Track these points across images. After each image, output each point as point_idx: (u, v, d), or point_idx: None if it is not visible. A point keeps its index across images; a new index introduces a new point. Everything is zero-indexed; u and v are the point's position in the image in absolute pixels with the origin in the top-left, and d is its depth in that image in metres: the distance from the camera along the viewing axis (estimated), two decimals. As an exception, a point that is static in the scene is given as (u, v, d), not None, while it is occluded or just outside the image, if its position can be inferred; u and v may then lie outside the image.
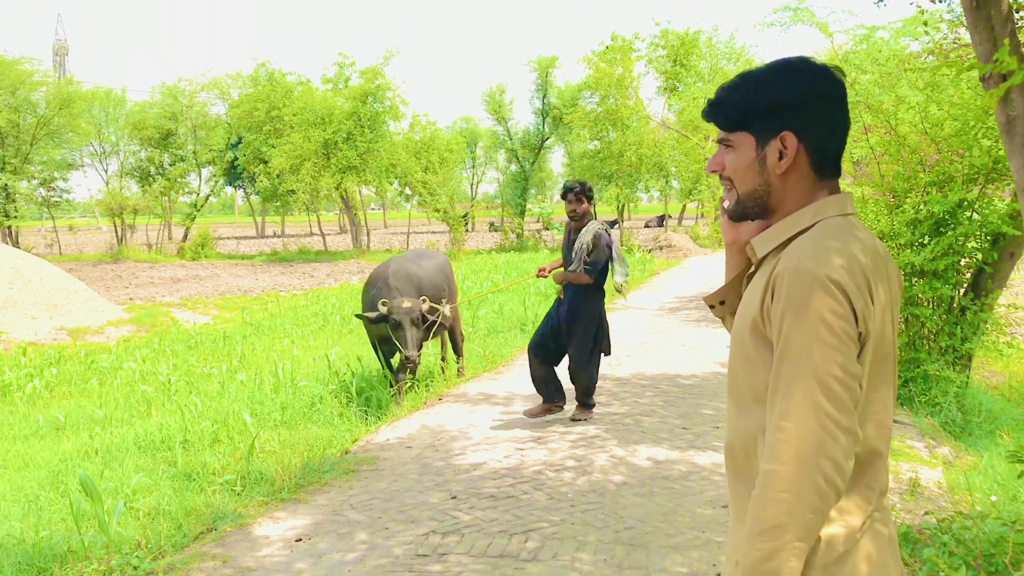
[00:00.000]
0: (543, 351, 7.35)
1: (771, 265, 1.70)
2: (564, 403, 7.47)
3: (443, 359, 9.80)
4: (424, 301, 8.13)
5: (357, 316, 8.35)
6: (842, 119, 1.77)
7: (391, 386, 8.36)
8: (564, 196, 7.35)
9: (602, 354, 7.45)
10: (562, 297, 7.37)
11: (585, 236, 7.12)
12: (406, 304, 7.91)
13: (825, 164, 1.77)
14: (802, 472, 1.52)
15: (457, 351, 9.80)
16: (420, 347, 8.13)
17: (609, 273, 7.34)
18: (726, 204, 1.91)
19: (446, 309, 8.50)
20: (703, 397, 8.36)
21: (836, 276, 1.56)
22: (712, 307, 2.04)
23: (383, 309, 7.89)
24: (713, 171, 1.87)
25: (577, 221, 7.30)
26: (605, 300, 7.45)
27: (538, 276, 7.57)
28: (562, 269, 7.43)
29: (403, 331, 7.91)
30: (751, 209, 1.82)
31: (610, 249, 7.18)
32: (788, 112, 1.72)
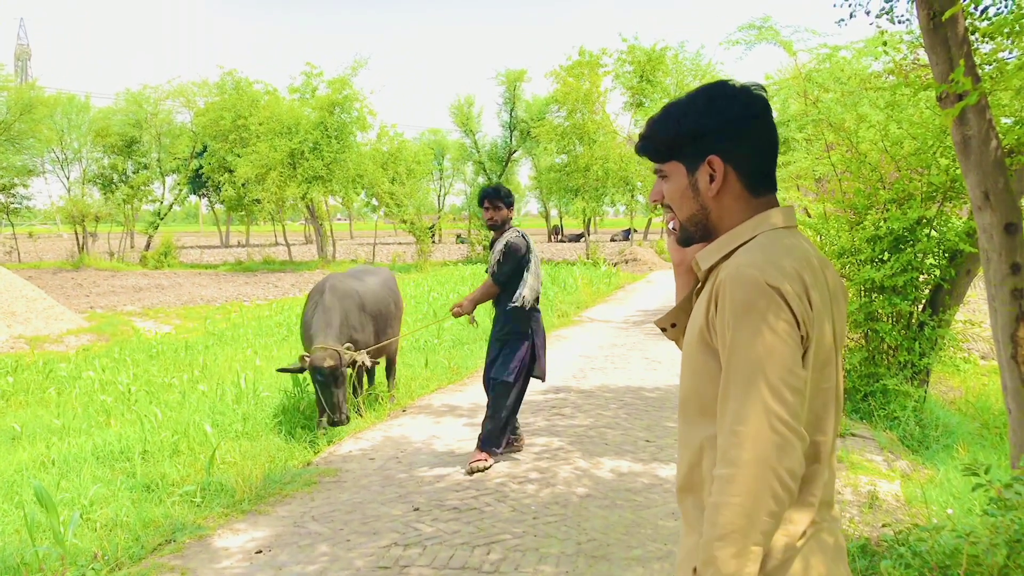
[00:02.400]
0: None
1: (715, 277, 1.75)
2: (520, 441, 6.96)
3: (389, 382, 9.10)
4: (348, 350, 7.27)
5: (279, 370, 7.51)
6: (765, 135, 1.81)
7: (321, 424, 7.45)
8: (480, 203, 6.59)
9: (533, 379, 6.75)
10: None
11: (498, 245, 6.46)
12: (328, 363, 7.03)
13: (756, 181, 1.82)
14: (757, 476, 1.54)
15: (391, 372, 9.09)
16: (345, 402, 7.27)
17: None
18: (671, 225, 1.97)
19: (364, 357, 7.44)
20: (666, 410, 8.40)
21: (775, 282, 1.61)
22: (664, 330, 2.07)
23: (304, 363, 7.14)
24: (655, 200, 1.93)
25: (497, 231, 6.57)
26: (540, 316, 6.69)
27: (455, 315, 6.56)
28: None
29: (329, 391, 7.15)
30: (694, 233, 1.88)
31: (525, 255, 6.44)
32: (711, 137, 1.79)
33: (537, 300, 6.60)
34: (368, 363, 7.54)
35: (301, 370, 7.27)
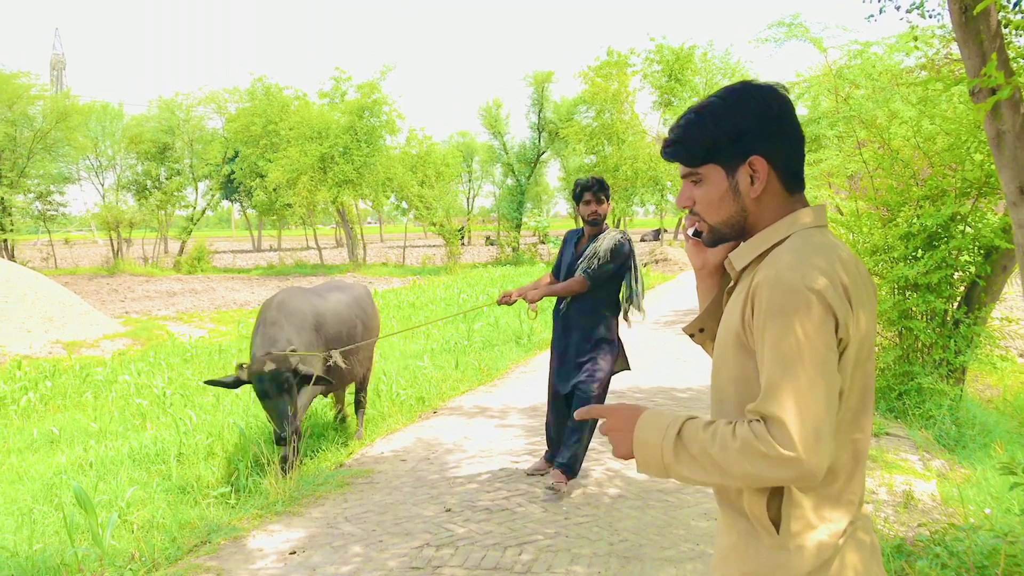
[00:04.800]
0: (560, 393, 6.10)
1: (750, 277, 1.73)
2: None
3: (339, 413, 8.03)
4: (293, 352, 6.08)
5: (207, 383, 6.34)
6: (797, 133, 1.81)
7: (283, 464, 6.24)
8: (579, 196, 5.95)
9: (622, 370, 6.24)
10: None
11: (603, 244, 5.90)
12: (269, 367, 5.88)
13: (791, 179, 1.80)
14: (760, 468, 1.56)
15: (359, 405, 7.81)
16: (296, 419, 6.17)
17: (624, 289, 6.07)
18: (690, 231, 1.95)
19: (337, 357, 6.48)
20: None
21: (816, 285, 1.59)
22: (692, 336, 2.06)
23: (242, 373, 6.00)
24: (684, 207, 1.89)
25: (595, 226, 6.00)
26: (618, 317, 6.14)
27: (500, 303, 5.96)
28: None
29: (273, 402, 5.97)
30: (728, 235, 1.85)
31: (628, 258, 6.00)
32: (751, 137, 1.76)
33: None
34: (342, 363, 6.56)
35: (237, 383, 6.07)
